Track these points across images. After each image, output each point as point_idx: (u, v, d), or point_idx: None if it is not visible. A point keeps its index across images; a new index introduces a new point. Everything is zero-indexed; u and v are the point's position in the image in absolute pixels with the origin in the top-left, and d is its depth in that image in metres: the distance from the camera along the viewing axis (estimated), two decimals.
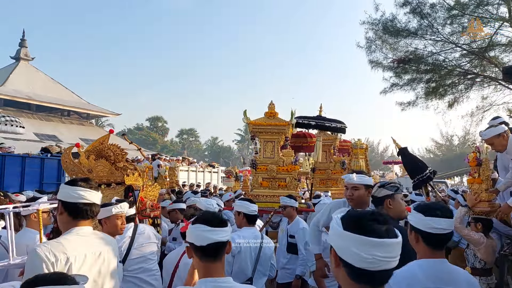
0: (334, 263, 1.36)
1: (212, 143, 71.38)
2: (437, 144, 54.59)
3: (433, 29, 14.56)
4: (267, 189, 6.49)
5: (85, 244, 2.15)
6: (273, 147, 6.70)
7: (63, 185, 2.26)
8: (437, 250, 2.06)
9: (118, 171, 4.90)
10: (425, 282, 1.96)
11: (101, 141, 5.13)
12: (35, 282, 1.29)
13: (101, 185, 4.84)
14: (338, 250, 1.32)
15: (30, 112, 34.68)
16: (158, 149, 48.38)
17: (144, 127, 64.35)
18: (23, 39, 40.48)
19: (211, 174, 22.71)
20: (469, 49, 14.49)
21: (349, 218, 1.35)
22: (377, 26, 15.42)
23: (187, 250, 1.96)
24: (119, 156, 4.98)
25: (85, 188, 2.20)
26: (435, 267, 2.03)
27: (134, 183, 4.90)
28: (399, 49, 15.59)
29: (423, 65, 15.26)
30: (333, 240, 1.36)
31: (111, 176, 4.90)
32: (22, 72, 38.01)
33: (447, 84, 15.61)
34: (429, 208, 2.06)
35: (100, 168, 4.85)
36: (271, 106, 6.83)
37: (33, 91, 36.42)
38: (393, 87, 16.22)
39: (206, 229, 1.90)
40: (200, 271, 1.93)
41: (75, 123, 40.10)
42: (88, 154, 4.98)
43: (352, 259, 1.28)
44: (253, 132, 6.55)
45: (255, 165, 6.45)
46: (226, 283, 1.91)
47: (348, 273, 1.31)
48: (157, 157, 15.76)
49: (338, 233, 1.32)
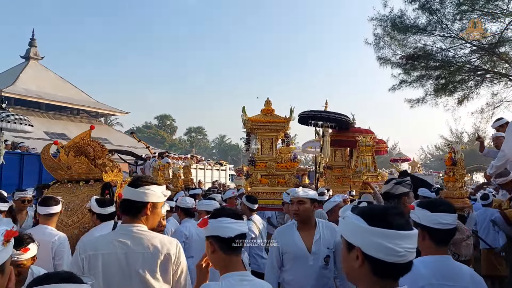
0: (357, 263, 1.33)
1: (220, 141, 71.49)
2: (446, 141, 54.08)
3: (442, 25, 14.41)
4: (267, 186, 6.48)
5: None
6: (271, 144, 6.69)
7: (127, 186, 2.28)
8: (441, 246, 2.06)
9: (97, 168, 4.88)
10: (429, 278, 1.96)
11: (81, 137, 5.11)
12: (47, 279, 1.31)
13: (80, 182, 4.88)
14: (365, 248, 1.30)
15: (40, 111, 35.00)
16: (166, 147, 48.57)
17: (152, 125, 64.64)
18: (32, 39, 40.80)
19: (219, 172, 22.77)
20: (479, 45, 14.33)
21: (372, 213, 1.33)
22: (386, 23, 15.28)
23: (209, 246, 1.96)
24: (99, 152, 4.98)
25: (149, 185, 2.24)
26: (439, 263, 2.02)
27: (113, 179, 4.90)
28: (408, 45, 15.44)
29: (432, 62, 15.11)
30: (356, 239, 1.32)
31: (89, 173, 4.88)
32: (32, 71, 38.36)
33: (457, 81, 15.44)
34: (434, 204, 2.07)
35: (78, 165, 4.83)
36: (267, 103, 6.81)
37: (43, 90, 36.73)
38: (402, 84, 16.08)
39: (232, 221, 1.95)
40: (223, 265, 1.95)
41: (84, 122, 40.38)
42: (68, 150, 4.96)
43: (383, 254, 1.27)
44: (251, 129, 6.54)
45: (254, 162, 6.45)
46: (249, 276, 1.96)
47: (373, 270, 1.31)
48: (166, 155, 15.83)
49: (364, 230, 1.30)
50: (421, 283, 1.93)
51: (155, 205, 2.25)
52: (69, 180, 4.95)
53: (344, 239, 1.39)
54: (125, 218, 2.28)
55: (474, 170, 38.17)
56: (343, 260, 1.43)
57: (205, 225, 1.95)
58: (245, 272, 1.95)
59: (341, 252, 1.45)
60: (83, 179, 4.89)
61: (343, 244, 1.42)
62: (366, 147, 7.16)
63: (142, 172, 14.72)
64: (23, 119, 7.45)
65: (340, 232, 1.42)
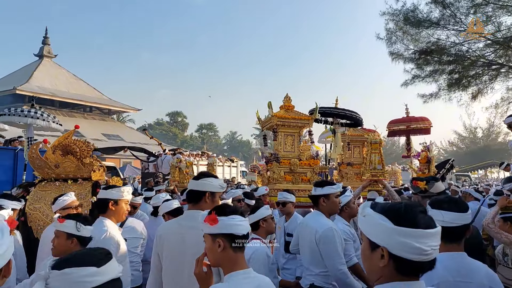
0: (382, 262, 1.31)
1: (231, 138, 71.62)
2: (460, 137, 53.45)
3: (456, 19, 14.20)
4: (290, 183, 6.44)
5: None
6: (293, 141, 6.65)
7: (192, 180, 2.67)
8: (452, 243, 2.04)
9: (85, 167, 4.96)
10: (444, 275, 1.95)
11: (65, 136, 5.18)
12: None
13: (68, 180, 4.95)
14: (391, 248, 1.28)
15: (53, 108, 35.43)
16: (178, 144, 48.82)
17: (164, 122, 64.99)
18: (46, 37, 41.30)
19: (230, 169, 22.81)
20: (493, 39, 14.10)
21: (398, 212, 1.31)
22: (398, 17, 15.12)
23: (216, 243, 1.91)
24: (84, 152, 5.05)
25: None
26: (453, 260, 2.01)
27: (100, 179, 4.98)
28: (421, 40, 15.25)
29: (446, 56, 14.90)
30: (382, 239, 1.30)
31: (78, 172, 4.96)
32: (46, 69, 38.85)
33: (471, 75, 15.22)
34: (436, 202, 2.09)
35: (67, 163, 4.92)
36: (287, 99, 6.76)
37: (56, 87, 37.19)
38: (415, 79, 15.89)
39: (243, 219, 1.96)
40: (230, 264, 1.92)
41: (97, 119, 40.81)
42: (54, 149, 5.04)
43: (410, 254, 1.27)
44: (276, 126, 6.48)
45: (278, 159, 6.39)
46: (252, 273, 1.95)
47: (398, 269, 1.31)
48: (178, 151, 15.90)
49: (390, 230, 1.28)
50: (436, 280, 1.92)
51: (214, 194, 2.61)
52: (56, 178, 5.00)
53: (367, 238, 1.37)
54: (189, 206, 2.66)
55: (488, 166, 37.70)
56: (365, 259, 1.41)
57: (215, 222, 1.90)
58: (248, 270, 1.94)
59: (362, 250, 1.43)
60: (71, 178, 4.96)
61: (365, 243, 1.39)
62: (373, 144, 7.08)
63: (155, 169, 14.82)
64: (52, 117, 7.67)
65: (363, 231, 1.39)
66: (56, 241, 2.68)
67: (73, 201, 3.79)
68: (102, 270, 1.37)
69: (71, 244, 2.64)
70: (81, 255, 1.47)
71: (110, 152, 17.02)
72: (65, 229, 2.64)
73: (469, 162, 38.46)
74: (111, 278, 1.39)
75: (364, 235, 1.39)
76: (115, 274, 1.42)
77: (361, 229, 1.41)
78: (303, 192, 6.15)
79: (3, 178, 9.09)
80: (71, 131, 5.26)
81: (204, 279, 1.96)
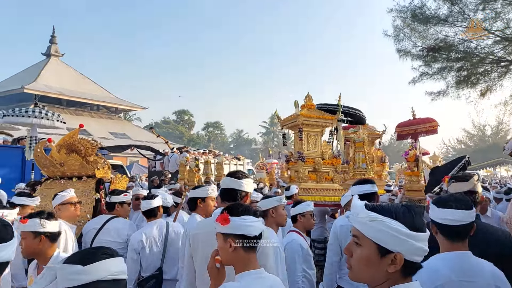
0: (392, 268, 1.28)
1: (237, 136, 71.68)
2: (469, 135, 53.01)
3: (464, 15, 14.05)
4: (314, 182, 6.44)
5: None
6: (315, 140, 6.68)
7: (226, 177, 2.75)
8: (456, 242, 2.02)
9: (89, 164, 5.02)
10: (448, 275, 1.92)
11: (71, 135, 5.25)
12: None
13: (73, 178, 5.04)
14: (407, 253, 1.27)
15: (61, 107, 35.67)
16: (184, 142, 48.97)
17: (170, 121, 65.18)
18: (53, 36, 41.57)
19: (237, 167, 22.82)
20: (502, 35, 13.94)
21: (411, 218, 1.30)
22: (406, 14, 15.00)
23: (227, 243, 1.91)
24: (89, 150, 5.10)
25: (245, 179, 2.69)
26: (458, 259, 1.98)
27: (104, 176, 5.04)
28: (429, 37, 15.10)
29: (454, 53, 14.75)
30: (397, 245, 1.27)
31: (82, 170, 5.03)
32: (53, 68, 39.12)
33: (479, 72, 15.06)
34: (443, 200, 2.06)
35: (72, 161, 4.98)
36: (308, 98, 6.77)
37: (64, 86, 37.41)
38: (423, 77, 15.77)
39: (255, 220, 1.94)
40: (242, 264, 1.91)
41: (104, 117, 41.01)
42: (59, 148, 5.11)
43: (419, 256, 1.29)
44: (302, 125, 6.50)
45: (303, 158, 6.39)
46: (263, 273, 1.94)
47: (404, 271, 1.30)
48: (185, 150, 15.93)
49: (405, 236, 1.26)
50: (440, 281, 1.89)
51: (248, 194, 2.75)
52: (61, 176, 5.08)
53: (375, 244, 1.31)
54: (223, 204, 2.60)
55: (496, 164, 37.38)
56: (370, 265, 1.33)
57: (226, 222, 1.89)
58: (259, 270, 1.93)
59: (364, 256, 1.34)
60: (76, 176, 5.04)
61: (368, 249, 1.32)
62: (357, 143, 7.01)
63: (161, 167, 14.85)
64: (56, 115, 7.73)
65: (370, 236, 1.32)
66: (24, 243, 2.61)
67: (72, 197, 3.81)
68: (87, 269, 1.37)
69: (40, 242, 2.60)
70: (81, 252, 1.53)
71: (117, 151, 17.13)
72: (30, 229, 2.59)
73: (478, 160, 38.17)
74: (99, 278, 1.38)
75: (367, 240, 1.33)
76: (106, 275, 1.40)
77: (366, 234, 1.33)
78: (327, 191, 6.18)
79: (11, 176, 9.19)
80: (76, 130, 5.32)
81: (216, 275, 1.97)
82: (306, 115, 6.41)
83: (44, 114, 7.42)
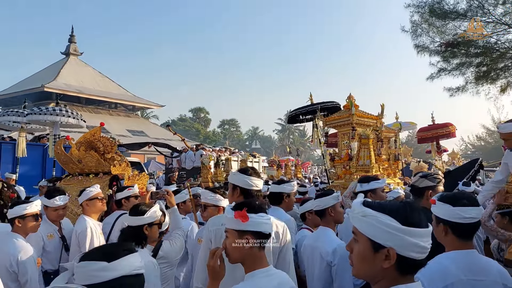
0: (386, 263, 1.29)
1: (253, 133, 71.73)
2: (489, 131, 51.90)
3: (484, 10, 13.77)
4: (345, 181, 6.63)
5: None
6: (348, 140, 6.90)
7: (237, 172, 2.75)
8: (466, 241, 2.02)
9: (106, 161, 5.15)
10: (457, 274, 1.91)
11: (92, 133, 5.39)
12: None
13: (90, 175, 5.18)
14: (399, 248, 1.27)
15: (80, 105, 36.26)
16: (200, 140, 49.23)
17: (187, 118, 65.57)
18: (72, 35, 42.17)
19: (252, 164, 22.86)
20: None
21: (405, 213, 1.30)
22: (423, 9, 14.77)
23: (243, 240, 1.89)
24: (108, 147, 5.25)
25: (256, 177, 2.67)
26: (466, 258, 1.98)
27: (121, 173, 5.12)
28: (447, 32, 14.83)
29: (473, 48, 14.47)
30: (389, 240, 1.28)
31: (99, 166, 5.15)
32: (72, 67, 39.72)
33: (499, 68, 14.75)
34: (456, 198, 2.03)
35: (88, 158, 5.11)
36: (351, 99, 6.87)
37: (82, 85, 37.98)
38: (441, 72, 15.51)
39: (269, 217, 1.96)
40: (253, 261, 1.91)
41: (122, 115, 41.52)
42: (79, 145, 5.27)
43: (415, 253, 1.28)
44: (355, 124, 6.68)
45: (352, 158, 6.59)
46: (272, 270, 1.95)
47: (399, 268, 1.30)
48: (201, 147, 16.04)
49: (398, 230, 1.27)
50: (450, 280, 1.89)
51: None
52: (80, 173, 5.25)
53: (368, 239, 1.33)
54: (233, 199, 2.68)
55: None
56: (364, 261, 1.34)
57: (246, 219, 1.87)
58: (268, 267, 1.94)
59: (359, 252, 1.37)
60: (93, 172, 5.18)
61: (363, 244, 1.34)
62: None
63: (178, 164, 15.00)
64: (76, 114, 7.94)
65: (363, 231, 1.34)
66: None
67: (99, 192, 3.92)
68: (112, 266, 1.40)
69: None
70: (99, 249, 1.55)
71: (135, 148, 17.33)
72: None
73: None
74: (125, 274, 1.42)
75: (362, 236, 1.34)
76: (130, 270, 1.44)
77: (360, 230, 1.35)
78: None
79: (33, 173, 9.45)
80: (97, 128, 5.44)
81: (217, 273, 1.95)
82: (359, 115, 6.65)
83: (70, 112, 7.64)
